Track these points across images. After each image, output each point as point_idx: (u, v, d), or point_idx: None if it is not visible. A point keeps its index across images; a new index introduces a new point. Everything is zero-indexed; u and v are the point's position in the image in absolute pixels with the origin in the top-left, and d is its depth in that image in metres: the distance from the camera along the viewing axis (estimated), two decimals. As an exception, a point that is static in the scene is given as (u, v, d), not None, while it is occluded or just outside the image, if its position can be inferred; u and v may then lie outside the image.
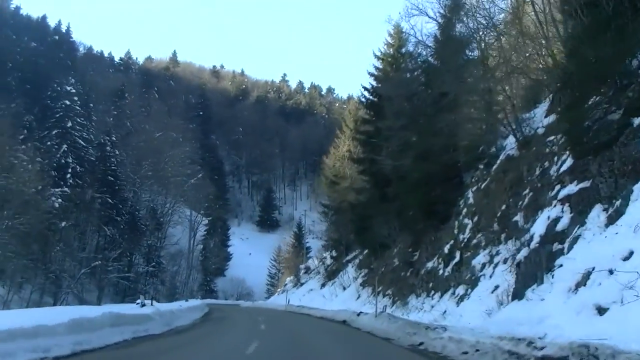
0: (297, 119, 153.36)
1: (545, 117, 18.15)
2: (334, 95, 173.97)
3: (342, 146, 48.33)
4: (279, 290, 65.65)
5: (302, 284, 49.66)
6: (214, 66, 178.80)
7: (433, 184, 25.98)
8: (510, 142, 20.07)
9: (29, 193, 56.22)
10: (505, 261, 15.37)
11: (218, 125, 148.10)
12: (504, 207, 17.94)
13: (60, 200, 64.40)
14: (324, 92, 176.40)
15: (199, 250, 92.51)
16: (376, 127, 32.84)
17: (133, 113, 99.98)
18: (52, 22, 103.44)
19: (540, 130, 17.67)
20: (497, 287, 14.46)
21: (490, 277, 15.75)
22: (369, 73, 34.35)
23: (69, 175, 69.66)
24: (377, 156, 31.19)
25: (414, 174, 27.02)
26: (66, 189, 66.56)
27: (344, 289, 34.37)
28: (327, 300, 34.64)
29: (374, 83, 34.46)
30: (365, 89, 34.21)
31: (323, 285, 40.66)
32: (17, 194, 54.26)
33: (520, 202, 16.54)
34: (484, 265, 16.93)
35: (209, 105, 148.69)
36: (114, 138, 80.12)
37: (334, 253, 45.94)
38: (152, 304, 18.62)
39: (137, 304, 17.45)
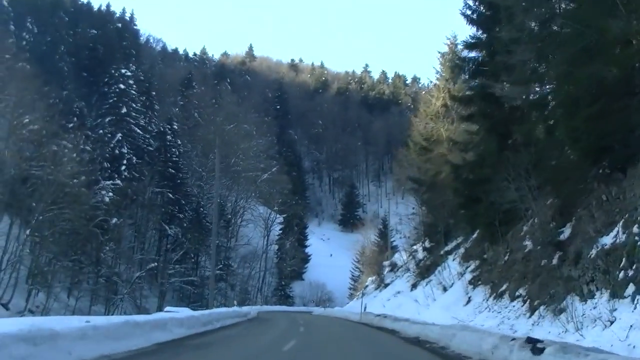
0: (381, 110, 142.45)
1: None
2: (420, 85, 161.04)
3: (436, 101, 36.86)
4: (357, 294, 55.04)
5: (386, 285, 38.82)
6: (292, 60, 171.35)
7: (600, 103, 14.74)
8: None
9: (70, 184, 48.62)
10: None
11: (296, 119, 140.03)
12: None
13: (111, 194, 56.73)
14: (408, 81, 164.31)
15: (273, 251, 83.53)
16: (489, 46, 21.88)
17: (202, 104, 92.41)
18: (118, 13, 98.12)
19: None
20: None
21: None
22: (473, -23, 23.30)
23: (123, 167, 62.11)
24: (495, 84, 20.15)
25: (563, 91, 15.93)
26: (119, 181, 58.99)
27: (445, 289, 23.52)
28: (420, 306, 23.98)
29: (483, -10, 23.43)
30: (469, -5, 23.05)
31: (414, 285, 29.90)
32: (56, 185, 46.72)
33: None
34: None
35: (287, 99, 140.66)
36: (175, 126, 72.59)
37: (427, 244, 34.86)
38: None
39: None
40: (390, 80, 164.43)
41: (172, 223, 67.03)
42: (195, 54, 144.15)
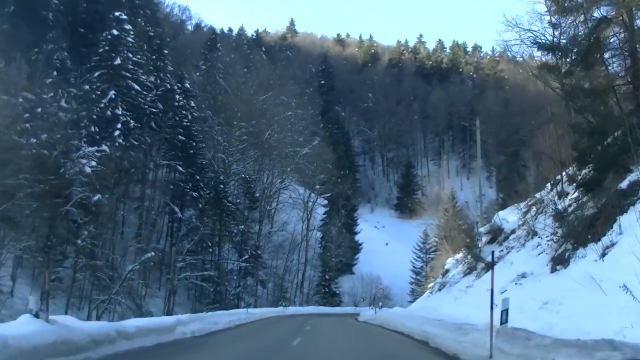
0: (440, 80, 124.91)
1: None
2: (482, 54, 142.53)
3: None
4: (430, 286, 38.79)
5: (488, 267, 21.89)
6: (339, 34, 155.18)
7: None
8: None
9: (23, 145, 35.56)
10: None
11: (344, 95, 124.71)
12: None
13: (94, 163, 42.64)
14: (469, 49, 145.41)
15: (315, 239, 68.78)
16: None
17: (230, 71, 78.36)
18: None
19: None
20: None
21: None
22: None
23: (117, 132, 48.13)
24: None
25: None
26: (106, 147, 44.94)
27: None
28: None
29: None
30: None
31: (559, 260, 13.94)
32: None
33: None
34: None
35: (333, 74, 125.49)
36: (187, 85, 58.71)
37: (563, 185, 18.24)
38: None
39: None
40: (447, 51, 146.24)
41: (184, 204, 53.47)
42: (230, 29, 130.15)
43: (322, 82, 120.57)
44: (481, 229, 27.76)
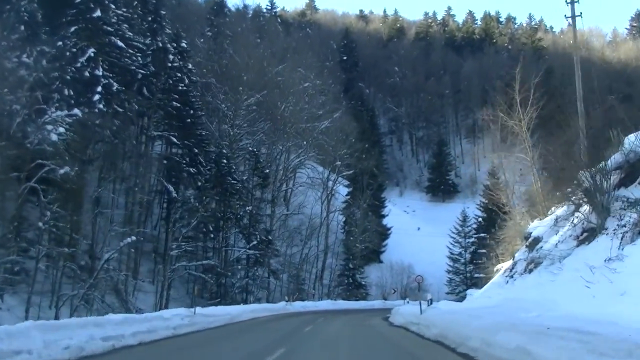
0: (472, 51, 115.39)
1: None
2: (516, 25, 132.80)
3: None
4: (500, 267, 29.07)
5: (628, 233, 13.33)
6: (361, 10, 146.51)
7: None
8: None
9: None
10: None
11: (368, 71, 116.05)
12: None
13: (62, 129, 34.76)
14: (502, 20, 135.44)
15: (337, 223, 60.48)
16: None
17: (242, 41, 70.04)
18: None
19: None
20: None
21: None
22: None
23: (97, 96, 40.16)
24: None
25: None
26: (78, 111, 36.98)
27: None
28: None
29: None
30: None
31: None
32: None
33: None
34: None
35: (356, 49, 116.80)
36: (184, 44, 50.55)
37: None
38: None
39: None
40: (478, 23, 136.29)
41: (180, 182, 45.62)
42: (246, 6, 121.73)
43: (344, 58, 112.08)
44: (614, 158, 16.95)
